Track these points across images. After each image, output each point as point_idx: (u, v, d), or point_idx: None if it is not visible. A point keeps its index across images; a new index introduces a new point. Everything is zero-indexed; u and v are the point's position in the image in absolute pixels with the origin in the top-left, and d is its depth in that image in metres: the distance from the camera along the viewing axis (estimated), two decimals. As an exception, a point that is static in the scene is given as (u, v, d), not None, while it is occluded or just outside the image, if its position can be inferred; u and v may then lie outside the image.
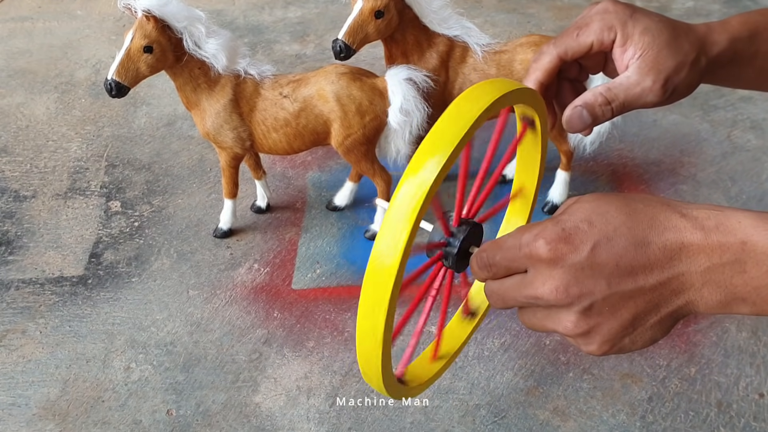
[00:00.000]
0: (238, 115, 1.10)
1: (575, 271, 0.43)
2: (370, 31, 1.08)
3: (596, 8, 0.62)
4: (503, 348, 1.02)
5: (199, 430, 0.94)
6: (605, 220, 0.44)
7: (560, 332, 0.45)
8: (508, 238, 0.47)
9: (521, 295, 0.45)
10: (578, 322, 0.44)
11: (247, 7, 2.03)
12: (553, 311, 0.45)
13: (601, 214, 0.44)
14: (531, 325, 0.47)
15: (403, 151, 1.12)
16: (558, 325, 0.45)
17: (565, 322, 0.44)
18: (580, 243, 0.43)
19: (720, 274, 0.42)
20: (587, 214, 0.44)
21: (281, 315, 1.09)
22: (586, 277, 0.43)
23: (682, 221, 0.43)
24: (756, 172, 1.33)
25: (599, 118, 0.60)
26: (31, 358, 1.05)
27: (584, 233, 0.43)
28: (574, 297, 0.43)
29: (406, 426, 0.93)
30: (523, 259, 0.45)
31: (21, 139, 1.53)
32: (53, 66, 1.78)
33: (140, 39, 1.00)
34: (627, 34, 0.60)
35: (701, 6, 1.94)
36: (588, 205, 0.45)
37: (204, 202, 1.32)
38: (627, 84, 0.60)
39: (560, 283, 0.43)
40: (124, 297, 1.14)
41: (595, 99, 0.59)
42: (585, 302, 0.43)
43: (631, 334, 0.44)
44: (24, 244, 1.25)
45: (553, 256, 0.43)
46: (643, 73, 0.60)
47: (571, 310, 0.44)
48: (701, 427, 0.91)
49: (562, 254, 0.43)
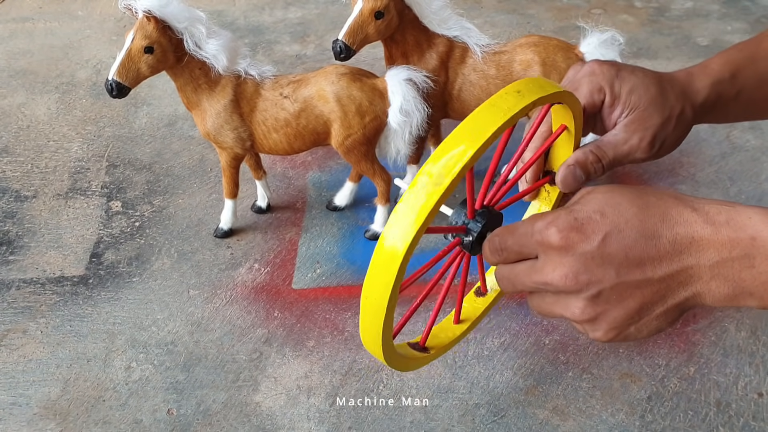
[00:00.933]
0: (238, 116, 1.10)
1: (585, 260, 0.44)
2: (370, 31, 1.09)
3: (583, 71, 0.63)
4: (503, 347, 1.02)
5: (199, 429, 0.94)
6: (617, 211, 0.44)
7: (568, 317, 0.46)
8: (521, 225, 0.48)
9: (531, 280, 0.46)
10: (586, 308, 0.45)
11: (248, 8, 2.03)
12: (561, 297, 0.46)
13: (614, 206, 0.45)
14: (539, 309, 0.48)
15: (403, 151, 1.13)
16: (566, 311, 0.46)
17: (573, 308, 0.45)
18: (592, 233, 0.44)
19: (729, 269, 0.43)
20: (600, 205, 0.45)
21: (281, 315, 1.10)
22: (596, 265, 0.44)
23: (693, 215, 0.44)
24: (755, 172, 1.33)
25: (592, 175, 0.62)
26: (32, 358, 1.05)
27: (596, 223, 0.44)
28: (582, 284, 0.44)
29: (405, 425, 0.93)
30: (534, 244, 0.46)
31: (22, 139, 1.53)
32: (54, 66, 1.79)
33: (141, 39, 1.01)
34: (615, 94, 0.61)
35: (701, 6, 1.94)
36: (601, 196, 0.46)
37: (205, 202, 1.33)
38: (615, 142, 0.62)
39: (570, 270, 0.44)
40: (124, 296, 1.14)
41: (586, 157, 0.61)
42: (593, 289, 0.44)
43: (637, 322, 0.45)
44: (25, 244, 1.26)
45: (564, 244, 0.44)
46: (630, 131, 0.61)
47: (580, 296, 0.45)
48: (700, 426, 0.91)
49: (573, 242, 0.44)
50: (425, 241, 1.21)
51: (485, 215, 0.58)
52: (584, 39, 1.15)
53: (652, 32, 1.82)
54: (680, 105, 0.62)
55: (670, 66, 1.66)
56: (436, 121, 1.22)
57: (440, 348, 0.79)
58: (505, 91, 0.52)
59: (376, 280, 0.50)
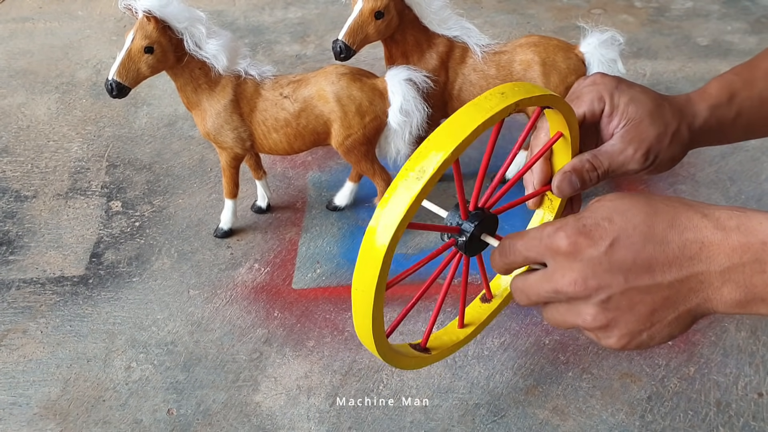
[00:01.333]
0: (238, 116, 1.10)
1: (593, 265, 0.44)
2: (370, 31, 1.09)
3: (586, 81, 0.66)
4: (503, 347, 1.02)
5: (199, 429, 0.94)
6: (626, 218, 0.45)
7: (580, 325, 0.46)
8: (530, 230, 0.49)
9: (543, 289, 0.47)
10: (597, 314, 0.45)
11: (248, 8, 2.03)
12: (573, 304, 0.46)
13: (622, 213, 0.45)
14: (554, 321, 0.48)
15: (403, 151, 1.13)
16: (578, 318, 0.46)
17: (584, 315, 0.45)
18: (600, 238, 0.44)
19: (740, 274, 0.43)
20: (608, 212, 0.45)
21: (281, 314, 1.10)
22: (604, 270, 0.44)
23: (703, 221, 0.44)
24: (755, 172, 1.33)
25: (587, 182, 0.64)
26: (32, 358, 1.05)
27: (604, 229, 0.44)
28: (592, 289, 0.44)
29: (405, 425, 0.93)
30: (542, 249, 0.46)
31: (22, 139, 1.53)
32: (54, 66, 1.79)
33: (141, 39, 1.01)
34: (614, 104, 0.63)
35: (701, 6, 1.94)
36: (610, 203, 0.46)
37: (205, 202, 1.33)
38: (611, 152, 0.63)
39: (579, 275, 0.44)
40: (124, 297, 1.14)
41: (582, 165, 0.63)
42: (602, 295, 0.44)
43: (649, 329, 0.45)
44: (25, 244, 1.26)
45: (572, 249, 0.44)
46: (626, 142, 0.63)
47: (590, 302, 0.45)
48: (700, 426, 0.91)
49: (581, 248, 0.44)
50: (425, 241, 1.21)
51: (479, 216, 0.59)
52: (584, 39, 1.15)
53: (652, 32, 1.82)
54: (676, 122, 0.63)
55: (671, 66, 1.66)
56: (436, 121, 1.22)
57: (443, 350, 0.80)
58: (491, 92, 0.54)
59: (364, 274, 0.52)
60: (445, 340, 0.78)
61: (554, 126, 0.64)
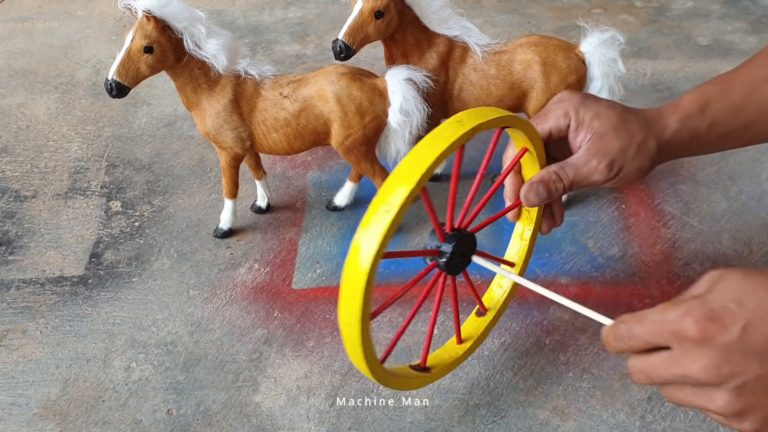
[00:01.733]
0: (238, 116, 1.10)
1: (726, 351, 0.43)
2: (370, 31, 1.09)
3: (554, 99, 0.70)
4: (503, 348, 1.02)
5: (199, 429, 0.94)
6: (755, 300, 0.44)
7: (711, 410, 0.45)
8: (649, 313, 0.47)
9: (669, 372, 0.46)
10: (731, 401, 0.44)
11: (248, 8, 2.03)
12: (702, 389, 0.45)
13: (750, 294, 0.44)
14: (677, 401, 0.47)
15: (403, 151, 1.13)
16: (709, 403, 0.45)
17: (717, 401, 0.44)
18: (731, 323, 0.43)
19: None
20: (735, 293, 0.44)
21: (281, 315, 1.10)
22: (737, 356, 0.43)
23: None
24: (755, 172, 1.33)
25: (553, 193, 0.67)
26: (31, 358, 1.05)
27: (734, 313, 0.43)
28: (725, 376, 0.43)
29: (406, 426, 0.93)
30: (667, 335, 0.45)
31: (21, 139, 1.53)
32: (54, 66, 1.79)
33: (140, 39, 1.01)
34: (579, 120, 0.66)
35: (701, 6, 1.94)
36: (735, 283, 0.45)
37: (204, 202, 1.33)
38: (576, 164, 0.66)
39: (711, 362, 0.43)
40: (124, 297, 1.14)
41: (549, 176, 0.67)
42: (737, 381, 0.43)
43: None
44: (24, 244, 1.26)
45: (702, 336, 0.43)
46: (590, 154, 0.66)
47: (723, 388, 0.44)
48: (700, 426, 0.91)
49: (711, 334, 0.43)
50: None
51: (456, 237, 0.65)
52: (584, 39, 1.15)
53: (652, 32, 1.82)
54: (642, 135, 0.65)
55: (671, 65, 1.66)
56: (436, 121, 1.21)
57: (443, 367, 0.83)
58: (448, 121, 0.59)
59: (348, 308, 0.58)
60: (444, 357, 0.82)
61: (519, 142, 0.68)
